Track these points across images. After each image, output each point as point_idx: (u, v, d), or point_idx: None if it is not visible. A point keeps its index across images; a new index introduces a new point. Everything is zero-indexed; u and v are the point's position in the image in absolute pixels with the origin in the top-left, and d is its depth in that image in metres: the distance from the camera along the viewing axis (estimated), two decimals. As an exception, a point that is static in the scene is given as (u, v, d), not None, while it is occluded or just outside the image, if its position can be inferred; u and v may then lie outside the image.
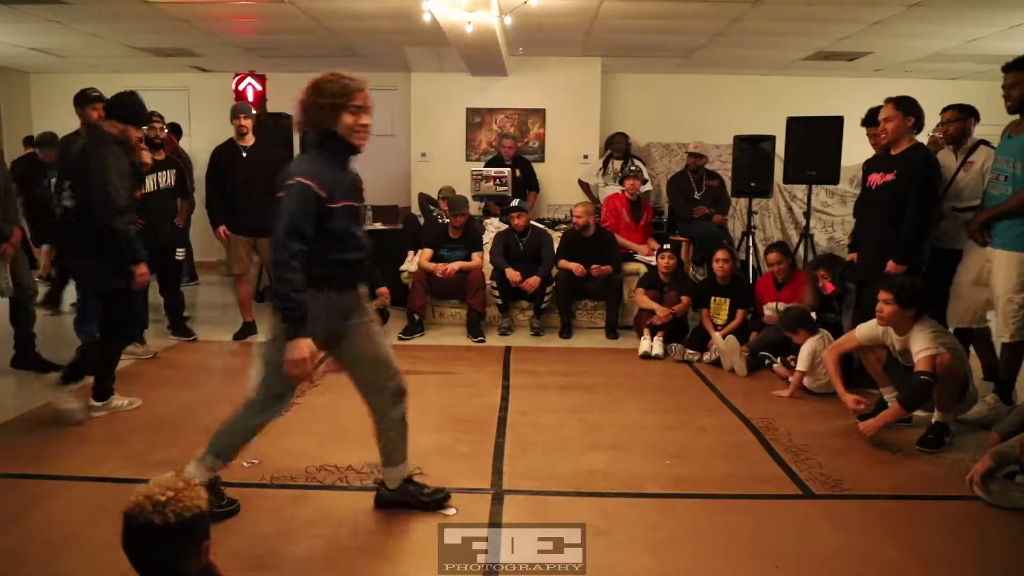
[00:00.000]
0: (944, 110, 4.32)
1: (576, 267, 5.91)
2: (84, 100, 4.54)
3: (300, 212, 2.42)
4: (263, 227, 5.53)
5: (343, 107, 2.50)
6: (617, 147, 7.78)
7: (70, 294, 7.14)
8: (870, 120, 4.78)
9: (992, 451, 2.96)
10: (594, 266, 5.91)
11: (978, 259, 3.87)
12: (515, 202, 6.29)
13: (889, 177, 3.96)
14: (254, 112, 5.68)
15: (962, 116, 4.23)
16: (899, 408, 3.48)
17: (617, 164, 7.67)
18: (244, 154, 5.48)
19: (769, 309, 5.21)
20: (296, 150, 7.31)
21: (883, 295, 3.54)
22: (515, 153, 7.69)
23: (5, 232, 4.23)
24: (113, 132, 3.77)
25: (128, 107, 3.83)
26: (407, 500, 2.80)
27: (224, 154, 5.53)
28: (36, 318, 4.52)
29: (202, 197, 7.93)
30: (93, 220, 3.61)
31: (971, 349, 4.24)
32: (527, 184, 7.68)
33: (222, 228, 5.48)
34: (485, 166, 7.53)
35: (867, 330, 3.73)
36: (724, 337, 5.01)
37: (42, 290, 6.32)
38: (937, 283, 3.95)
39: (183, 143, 8.06)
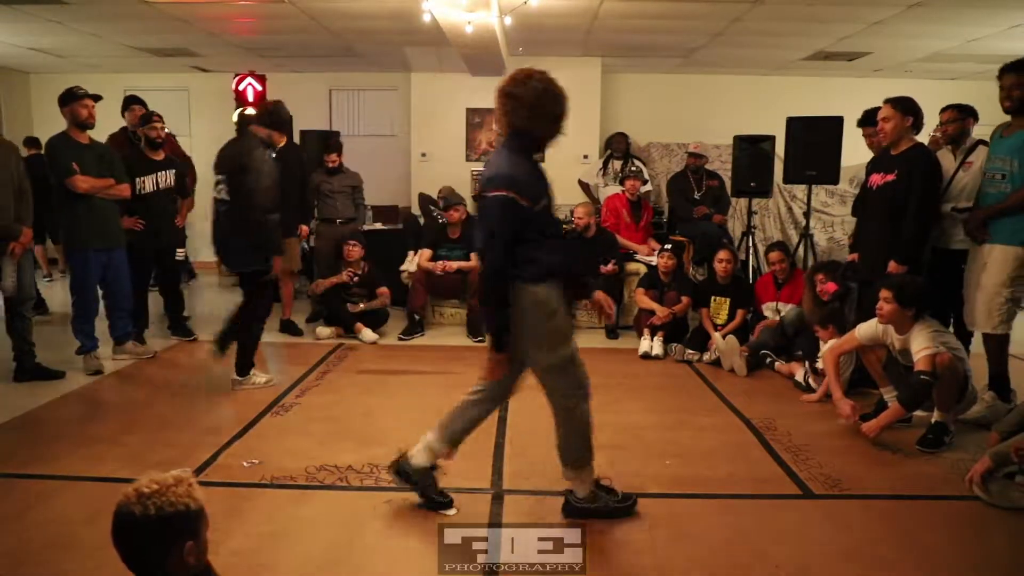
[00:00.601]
0: (943, 110, 4.32)
1: None
2: (71, 98, 4.50)
3: (506, 225, 2.48)
4: (287, 229, 5.58)
5: (564, 118, 2.59)
6: (617, 147, 7.77)
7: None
8: (866, 120, 4.78)
9: (991, 451, 2.96)
10: (603, 268, 5.89)
11: (980, 260, 3.87)
12: None
13: (890, 177, 3.96)
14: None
15: (961, 116, 4.23)
16: (899, 408, 3.49)
17: (617, 164, 7.67)
18: (273, 155, 5.50)
19: (768, 309, 5.21)
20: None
21: (883, 293, 3.55)
22: None
23: (15, 231, 4.21)
24: (260, 136, 4.19)
25: (273, 115, 4.29)
26: (599, 508, 2.74)
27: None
28: (33, 325, 4.48)
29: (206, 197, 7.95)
30: (246, 212, 4.06)
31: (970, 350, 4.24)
32: None
33: None
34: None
35: (867, 329, 3.74)
36: (724, 337, 5.01)
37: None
38: (937, 283, 3.95)
39: (182, 143, 8.04)
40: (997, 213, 3.73)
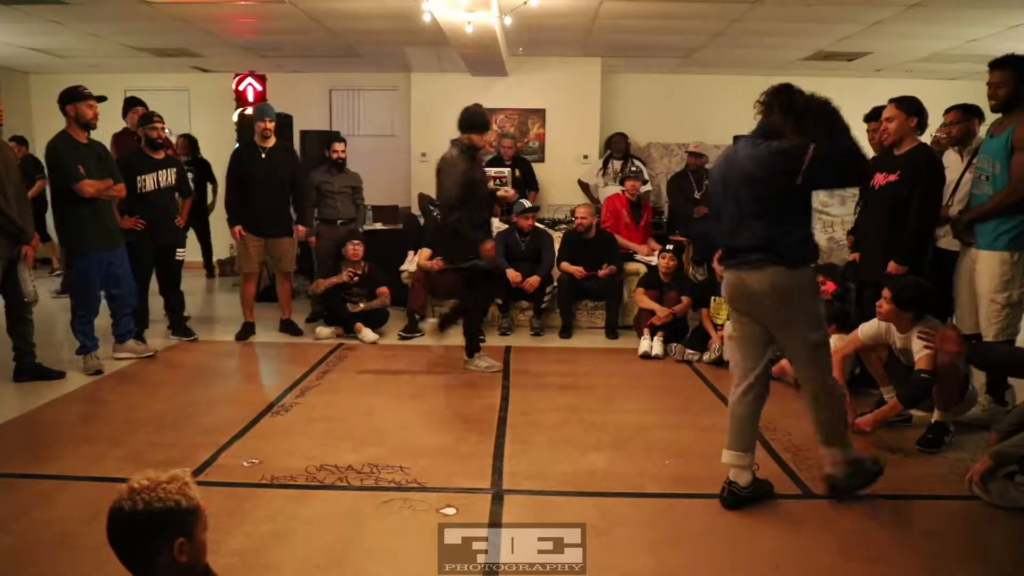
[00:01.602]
0: (947, 111, 4.27)
1: (577, 271, 5.90)
2: (77, 97, 4.46)
3: None
4: (278, 229, 5.60)
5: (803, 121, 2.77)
6: (616, 147, 7.77)
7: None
8: (873, 115, 4.77)
9: (991, 451, 2.96)
10: (602, 270, 5.89)
11: (968, 261, 3.86)
12: (527, 204, 6.28)
13: (892, 177, 3.92)
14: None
15: (966, 117, 4.19)
16: (897, 404, 3.49)
17: (617, 164, 7.67)
18: (264, 155, 5.51)
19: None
20: (296, 150, 7.31)
21: (885, 292, 3.55)
22: (514, 153, 7.68)
23: (28, 234, 4.20)
24: (464, 142, 4.53)
25: (470, 117, 4.56)
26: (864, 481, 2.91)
27: (245, 155, 5.58)
28: (34, 327, 4.47)
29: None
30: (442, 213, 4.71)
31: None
32: (527, 183, 7.67)
33: (238, 228, 5.52)
34: (484, 165, 7.51)
35: (870, 328, 3.73)
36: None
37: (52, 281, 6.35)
38: (939, 283, 3.95)
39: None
40: (979, 216, 3.69)
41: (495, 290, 5.27)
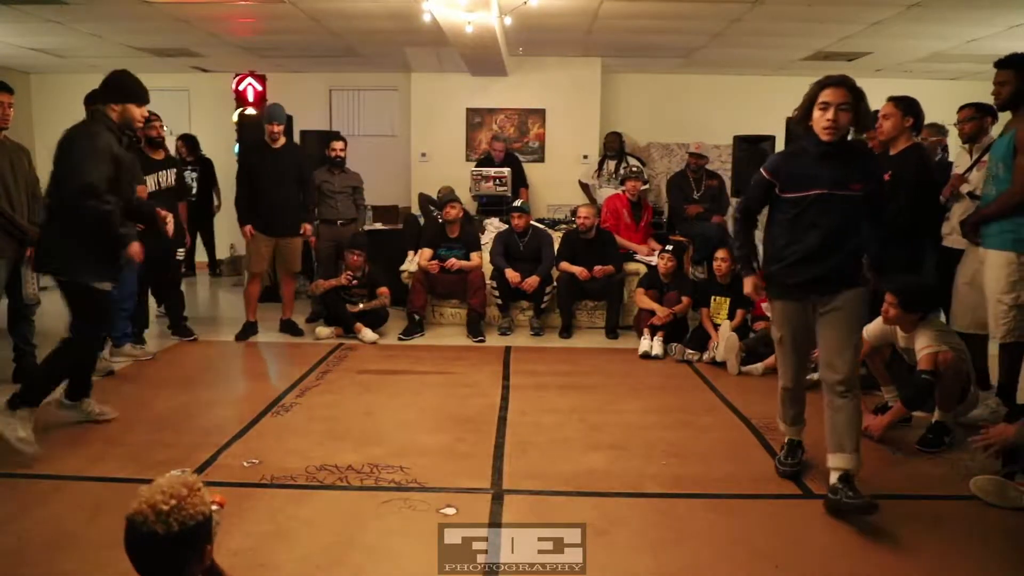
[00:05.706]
0: (961, 108, 4.29)
1: (579, 271, 5.91)
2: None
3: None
4: (286, 229, 5.60)
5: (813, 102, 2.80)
6: (611, 147, 7.74)
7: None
8: None
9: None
10: (596, 268, 5.90)
11: (973, 261, 3.86)
12: (518, 203, 6.28)
13: (885, 178, 3.91)
14: (287, 116, 5.73)
15: (979, 114, 4.21)
16: (902, 407, 3.49)
17: (612, 164, 7.65)
18: (273, 154, 5.52)
19: (768, 309, 5.20)
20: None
21: (889, 298, 3.53)
22: (504, 156, 7.63)
23: (32, 236, 4.19)
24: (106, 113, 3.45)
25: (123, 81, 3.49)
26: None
27: (255, 156, 5.58)
28: (35, 328, 4.47)
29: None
30: None
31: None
32: (518, 181, 7.62)
33: (248, 227, 5.52)
34: (476, 166, 7.52)
35: (875, 328, 3.71)
36: (729, 332, 4.96)
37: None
38: (943, 281, 3.94)
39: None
40: (984, 218, 3.70)
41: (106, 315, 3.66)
